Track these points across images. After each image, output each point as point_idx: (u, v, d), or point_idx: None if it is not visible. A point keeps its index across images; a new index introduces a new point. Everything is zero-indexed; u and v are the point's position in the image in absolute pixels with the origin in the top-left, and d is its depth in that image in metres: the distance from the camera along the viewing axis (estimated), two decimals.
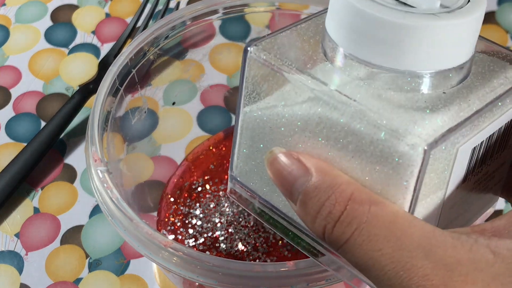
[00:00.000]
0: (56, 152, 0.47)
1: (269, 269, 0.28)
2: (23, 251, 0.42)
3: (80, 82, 0.49)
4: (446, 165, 0.23)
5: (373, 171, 0.23)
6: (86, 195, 0.44)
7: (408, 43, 0.22)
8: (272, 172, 0.25)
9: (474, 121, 0.23)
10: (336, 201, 0.22)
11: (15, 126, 0.49)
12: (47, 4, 0.57)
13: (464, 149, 0.23)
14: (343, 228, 0.22)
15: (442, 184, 0.24)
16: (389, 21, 0.21)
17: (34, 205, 0.44)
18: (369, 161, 0.23)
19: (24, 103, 0.50)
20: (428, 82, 0.23)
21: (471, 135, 0.23)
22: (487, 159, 0.25)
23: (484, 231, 0.22)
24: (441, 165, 0.23)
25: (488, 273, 0.21)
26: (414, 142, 0.21)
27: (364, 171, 0.23)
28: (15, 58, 0.53)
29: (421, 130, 0.22)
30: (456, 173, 0.24)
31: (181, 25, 0.39)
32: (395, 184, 0.22)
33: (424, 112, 0.22)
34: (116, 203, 0.30)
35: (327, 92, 0.23)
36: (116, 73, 0.35)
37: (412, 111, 0.22)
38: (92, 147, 0.32)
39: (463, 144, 0.23)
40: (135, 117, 0.38)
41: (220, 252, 0.39)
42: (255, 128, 0.26)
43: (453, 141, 0.22)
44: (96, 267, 0.41)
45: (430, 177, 0.23)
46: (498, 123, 0.24)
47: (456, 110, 0.23)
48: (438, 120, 0.22)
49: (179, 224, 0.41)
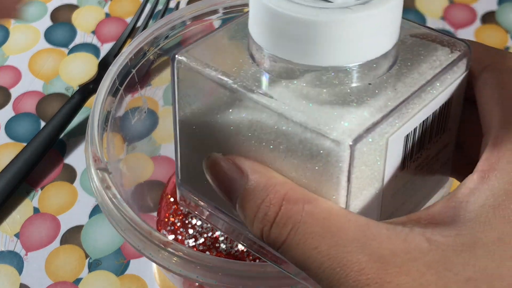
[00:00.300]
0: (56, 152, 0.47)
1: (269, 269, 0.28)
2: (23, 251, 0.42)
3: (80, 82, 0.49)
4: (378, 156, 0.23)
5: (306, 169, 0.23)
6: (86, 195, 0.44)
7: (325, 39, 0.22)
8: (210, 177, 0.25)
9: (402, 110, 0.23)
10: (271, 203, 0.23)
11: (15, 126, 0.49)
12: (47, 4, 0.57)
13: (395, 139, 0.23)
14: (280, 229, 0.22)
15: (377, 175, 0.23)
16: (303, 19, 0.21)
17: (34, 205, 0.44)
18: (301, 160, 0.23)
19: (24, 103, 0.50)
20: (352, 75, 0.23)
21: (401, 124, 0.23)
22: (425, 144, 0.25)
23: (419, 219, 0.22)
24: (372, 157, 0.23)
25: (423, 262, 0.20)
26: (339, 139, 0.21)
27: (298, 171, 0.23)
28: (15, 58, 0.53)
29: (347, 124, 0.22)
30: (391, 162, 0.24)
31: (181, 25, 0.39)
32: (327, 181, 0.22)
33: (350, 106, 0.22)
34: (116, 203, 0.30)
35: (254, 95, 0.23)
36: (116, 73, 0.35)
37: (338, 107, 0.22)
38: (92, 147, 0.32)
39: (392, 133, 0.23)
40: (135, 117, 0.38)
41: (220, 252, 0.39)
42: (192, 135, 0.26)
43: (380, 133, 0.22)
44: (96, 267, 0.41)
45: (361, 170, 0.23)
46: (430, 108, 0.24)
47: (384, 100, 0.23)
48: (365, 113, 0.22)
49: (179, 224, 0.41)
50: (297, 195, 0.22)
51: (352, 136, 0.21)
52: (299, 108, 0.22)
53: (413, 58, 0.25)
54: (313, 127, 0.22)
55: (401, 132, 0.23)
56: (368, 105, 0.22)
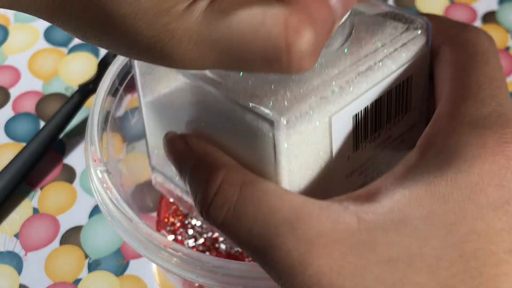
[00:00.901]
0: (56, 152, 0.47)
1: None
2: (23, 252, 0.42)
3: (79, 82, 0.49)
4: (322, 135, 0.22)
5: (248, 149, 0.23)
6: (85, 195, 0.44)
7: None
8: (166, 154, 0.25)
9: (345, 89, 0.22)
10: (209, 184, 0.23)
11: (14, 126, 0.48)
12: None
13: (339, 118, 0.22)
14: (217, 210, 0.22)
15: (323, 155, 0.23)
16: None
17: (33, 206, 0.44)
18: (243, 140, 0.23)
19: (23, 103, 0.50)
20: None
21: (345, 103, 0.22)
22: (382, 124, 0.24)
23: (358, 197, 0.22)
24: (313, 136, 0.22)
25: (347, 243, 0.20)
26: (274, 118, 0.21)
27: (241, 151, 0.23)
28: (14, 57, 0.53)
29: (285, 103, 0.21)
30: (340, 142, 0.23)
31: None
32: (267, 160, 0.22)
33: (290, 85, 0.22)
34: (115, 204, 0.30)
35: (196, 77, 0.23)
36: (115, 73, 0.35)
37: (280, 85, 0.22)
38: (92, 147, 0.32)
39: (336, 112, 0.22)
40: (134, 117, 0.38)
41: (219, 253, 0.39)
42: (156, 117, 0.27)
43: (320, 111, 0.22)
44: (95, 267, 0.41)
45: (302, 149, 0.22)
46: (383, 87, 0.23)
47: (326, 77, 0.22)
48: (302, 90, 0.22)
49: (179, 224, 0.41)
50: (235, 177, 0.22)
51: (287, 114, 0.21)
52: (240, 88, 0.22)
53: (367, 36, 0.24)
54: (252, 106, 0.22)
55: (347, 111, 0.23)
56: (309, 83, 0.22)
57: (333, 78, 0.22)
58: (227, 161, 0.23)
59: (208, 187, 0.23)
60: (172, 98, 0.25)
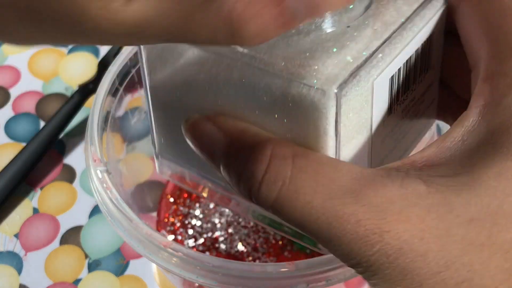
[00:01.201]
0: (56, 152, 0.47)
1: (268, 270, 0.28)
2: (22, 252, 0.42)
3: (79, 82, 0.49)
4: (365, 101, 0.22)
5: (291, 123, 0.22)
6: (85, 196, 0.44)
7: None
8: (191, 141, 0.24)
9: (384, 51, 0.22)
10: (257, 161, 0.21)
11: (14, 126, 0.48)
12: None
13: (380, 81, 0.22)
14: (269, 186, 0.21)
15: (365, 122, 0.23)
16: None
17: (33, 206, 0.44)
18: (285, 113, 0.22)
19: (23, 103, 0.50)
20: (329, 19, 0.22)
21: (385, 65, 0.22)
22: (410, 84, 0.24)
23: (414, 162, 0.21)
24: (358, 103, 0.22)
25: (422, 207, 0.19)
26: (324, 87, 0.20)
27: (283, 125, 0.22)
28: (14, 57, 0.53)
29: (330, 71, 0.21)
30: (378, 107, 0.23)
31: None
32: (315, 132, 0.22)
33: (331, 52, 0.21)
34: (115, 204, 0.30)
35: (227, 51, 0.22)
36: (115, 73, 0.35)
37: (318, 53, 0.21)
38: (92, 147, 0.32)
39: (377, 76, 0.22)
40: (134, 117, 0.38)
41: (219, 253, 0.39)
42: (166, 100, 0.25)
43: (365, 76, 0.21)
44: (95, 267, 0.41)
45: (349, 118, 0.22)
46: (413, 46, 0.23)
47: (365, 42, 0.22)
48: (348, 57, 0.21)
49: (179, 224, 0.41)
50: (284, 150, 0.21)
51: (336, 83, 0.21)
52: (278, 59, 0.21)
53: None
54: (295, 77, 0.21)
55: (386, 74, 0.22)
56: (349, 49, 0.21)
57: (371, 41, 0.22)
58: (268, 136, 0.22)
59: (257, 164, 0.21)
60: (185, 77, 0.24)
